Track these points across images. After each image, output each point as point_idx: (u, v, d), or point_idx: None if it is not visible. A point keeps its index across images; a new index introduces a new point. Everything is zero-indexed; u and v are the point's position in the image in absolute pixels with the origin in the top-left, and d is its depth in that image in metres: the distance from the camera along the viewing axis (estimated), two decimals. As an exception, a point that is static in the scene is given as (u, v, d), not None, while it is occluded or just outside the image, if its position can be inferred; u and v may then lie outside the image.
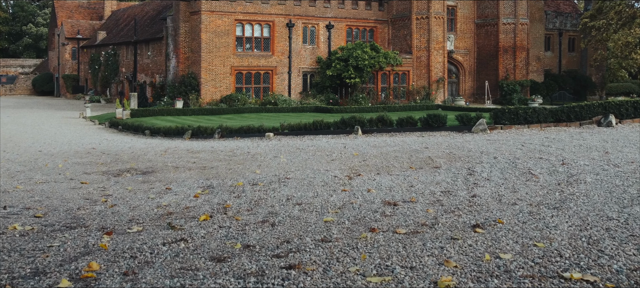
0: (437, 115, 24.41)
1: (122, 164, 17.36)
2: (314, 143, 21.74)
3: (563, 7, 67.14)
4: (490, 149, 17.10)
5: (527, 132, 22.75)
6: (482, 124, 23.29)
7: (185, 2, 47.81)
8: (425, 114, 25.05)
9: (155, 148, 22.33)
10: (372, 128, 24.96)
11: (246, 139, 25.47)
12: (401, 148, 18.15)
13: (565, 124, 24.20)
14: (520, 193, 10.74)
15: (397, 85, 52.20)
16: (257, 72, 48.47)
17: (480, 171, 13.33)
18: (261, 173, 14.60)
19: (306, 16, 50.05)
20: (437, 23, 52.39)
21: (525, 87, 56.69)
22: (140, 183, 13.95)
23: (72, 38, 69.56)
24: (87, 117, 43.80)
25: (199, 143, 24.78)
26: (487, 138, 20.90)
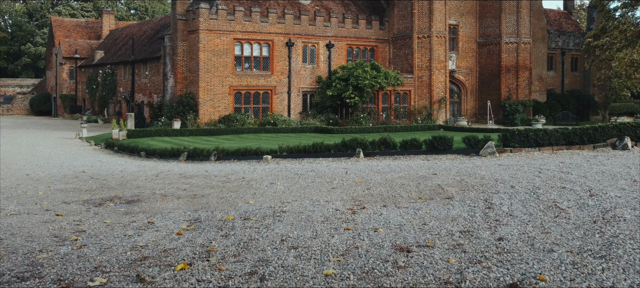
0: (442, 137, 22.94)
1: (108, 192, 15.92)
2: (313, 167, 20.27)
3: (566, 26, 65.84)
4: (505, 176, 15.60)
5: (539, 155, 21.28)
6: (491, 147, 21.82)
7: (183, 21, 46.53)
8: (430, 136, 23.57)
9: (147, 172, 20.93)
10: (375, 151, 23.50)
11: (243, 162, 24.16)
12: (407, 174, 16.66)
13: (578, 147, 22.74)
14: (554, 234, 9.19)
15: (398, 105, 50.85)
16: (256, 92, 47.18)
17: (499, 203, 11.81)
18: (255, 203, 13.13)
19: (306, 35, 48.78)
20: (438, 42, 51.07)
21: (528, 108, 55.37)
22: (122, 215, 12.49)
23: (70, 57, 68.24)
24: (83, 138, 42.52)
25: (194, 166, 23.46)
26: (498, 162, 19.42)
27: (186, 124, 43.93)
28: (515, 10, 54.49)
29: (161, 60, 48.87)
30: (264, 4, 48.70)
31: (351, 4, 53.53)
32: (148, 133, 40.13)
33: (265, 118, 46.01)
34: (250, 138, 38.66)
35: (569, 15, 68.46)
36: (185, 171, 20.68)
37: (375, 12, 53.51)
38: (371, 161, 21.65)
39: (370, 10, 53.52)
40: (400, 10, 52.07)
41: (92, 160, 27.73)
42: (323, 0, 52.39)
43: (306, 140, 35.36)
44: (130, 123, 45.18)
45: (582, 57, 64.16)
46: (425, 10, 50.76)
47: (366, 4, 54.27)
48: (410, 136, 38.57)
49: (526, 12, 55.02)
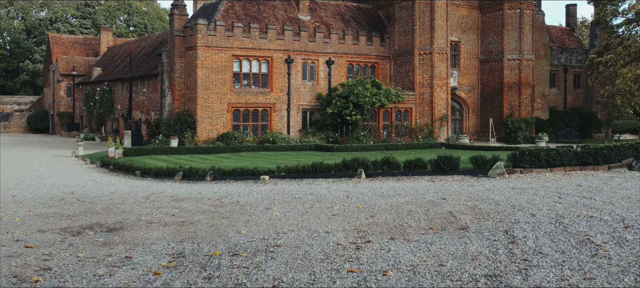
0: (448, 157, 21.49)
1: (90, 217, 14.56)
2: (312, 189, 18.88)
3: (568, 43, 64.58)
4: (522, 201, 14.15)
5: (551, 177, 19.85)
6: (500, 168, 20.38)
7: (180, 37, 45.29)
8: (435, 156, 22.11)
9: (138, 194, 19.68)
10: (377, 171, 22.07)
11: (239, 183, 22.88)
12: (414, 199, 15.23)
13: (592, 167, 21.30)
14: (598, 280, 7.63)
15: (399, 122, 49.54)
16: (255, 109, 45.94)
17: (522, 236, 10.35)
18: (247, 233, 11.72)
19: (306, 52, 47.52)
20: (440, 59, 49.78)
21: (531, 125, 54.15)
22: (99, 246, 11.09)
23: (67, 74, 66.96)
24: (79, 156, 41.55)
25: (188, 187, 22.18)
26: (509, 184, 17.99)
27: (184, 142, 42.69)
28: (517, 26, 53.26)
29: (159, 77, 47.63)
30: (263, 20, 47.46)
31: (351, 20, 52.28)
32: (145, 151, 38.98)
33: (265, 135, 44.77)
34: (248, 156, 37.60)
35: (571, 31, 67.20)
36: (178, 193, 19.41)
37: (375, 29, 52.24)
38: (373, 182, 20.25)
39: (370, 27, 52.25)
40: (401, 27, 50.81)
41: (85, 179, 26.96)
42: (323, 16, 51.14)
43: (305, 159, 34.29)
44: (127, 141, 44.01)
45: (584, 74, 62.92)
46: (427, 27, 49.48)
47: (367, 20, 53.01)
48: (413, 155, 37.25)
49: (529, 29, 53.77)
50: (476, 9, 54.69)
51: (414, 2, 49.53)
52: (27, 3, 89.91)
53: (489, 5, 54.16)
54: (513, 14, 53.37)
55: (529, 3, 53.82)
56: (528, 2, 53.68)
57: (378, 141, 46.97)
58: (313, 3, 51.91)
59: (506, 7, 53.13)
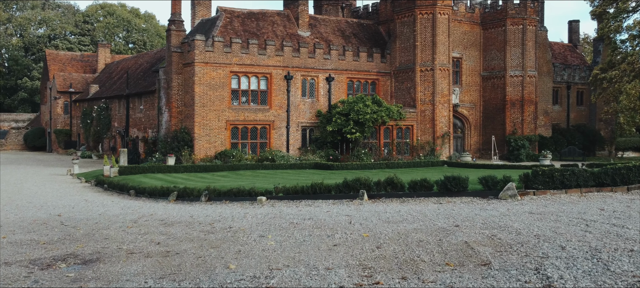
0: (456, 178, 19.96)
1: (68, 245, 13.15)
2: (312, 212, 17.38)
3: (571, 59, 63.19)
4: (546, 230, 12.59)
5: (567, 199, 18.34)
6: (511, 189, 18.85)
7: (178, 54, 43.91)
8: (442, 176, 20.59)
9: (127, 216, 18.41)
10: (380, 192, 20.57)
11: (235, 204, 21.50)
12: (423, 226, 13.68)
13: (609, 189, 19.78)
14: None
15: (400, 140, 48.10)
16: (254, 127, 44.56)
17: (557, 277, 8.75)
18: (237, 268, 10.21)
19: (305, 68, 46.12)
20: (442, 75, 48.37)
21: (533, 143, 52.77)
22: (68, 283, 9.60)
23: (64, 92, 65.53)
24: (75, 174, 40.35)
25: (181, 208, 20.92)
26: (524, 208, 16.46)
27: (181, 160, 41.32)
28: (520, 42, 51.91)
29: (156, 94, 46.29)
30: (261, 36, 46.10)
31: (352, 36, 50.90)
32: (141, 169, 37.68)
33: (263, 153, 43.39)
34: (247, 174, 36.39)
35: (574, 48, 65.82)
36: (169, 216, 18.04)
37: (376, 45, 50.85)
38: (377, 204, 18.74)
39: (371, 43, 50.87)
40: (402, 43, 49.42)
41: (77, 199, 26.10)
42: (323, 32, 49.78)
43: (305, 178, 33.34)
44: (123, 159, 42.56)
45: (587, 91, 61.53)
46: (428, 43, 48.09)
47: (367, 36, 51.63)
48: (416, 174, 35.89)
49: (532, 45, 52.41)
50: (478, 24, 53.33)
51: (416, 18, 48.18)
52: (25, 20, 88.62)
53: (491, 21, 52.81)
54: (516, 30, 52.01)
55: (532, 19, 52.46)
56: (531, 18, 52.33)
57: (379, 159, 45.58)
58: (313, 19, 50.58)
59: (509, 23, 51.79)
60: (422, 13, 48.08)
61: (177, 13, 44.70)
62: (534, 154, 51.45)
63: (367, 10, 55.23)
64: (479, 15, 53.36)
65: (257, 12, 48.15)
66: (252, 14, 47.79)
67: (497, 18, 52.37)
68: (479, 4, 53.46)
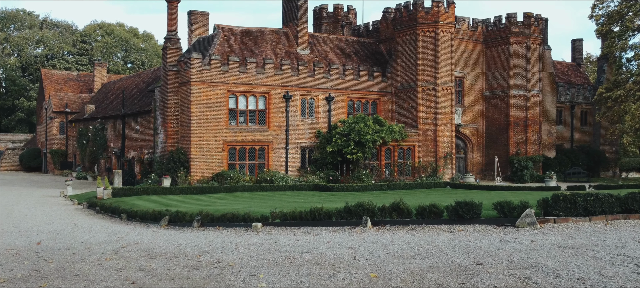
0: (468, 204, 18.14)
1: (31, 283, 11.37)
2: (311, 242, 15.67)
3: (574, 79, 61.59)
4: (588, 271, 10.75)
5: (591, 227, 16.56)
6: (530, 217, 17.04)
7: (174, 72, 42.36)
8: (453, 201, 18.76)
9: (109, 246, 17.02)
10: (385, 219, 18.81)
11: (229, 230, 20.00)
12: (439, 262, 11.90)
13: (638, 216, 17.91)
14: None
15: (402, 161, 46.49)
16: (252, 147, 43.08)
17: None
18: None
19: (304, 87, 44.54)
20: (444, 94, 46.74)
21: (537, 163, 51.24)
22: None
23: (60, 112, 63.89)
24: (68, 196, 39.10)
25: (172, 235, 19.59)
26: (550, 239, 14.69)
27: (177, 182, 39.87)
28: (524, 61, 50.32)
29: (152, 114, 44.64)
30: (260, 54, 44.53)
31: (352, 55, 49.28)
32: (135, 191, 36.36)
33: (261, 175, 41.94)
34: (244, 196, 35.18)
35: (577, 67, 64.24)
36: (155, 245, 16.59)
37: (377, 64, 49.22)
38: (382, 233, 16.97)
39: (372, 62, 49.23)
40: (403, 61, 47.79)
41: (65, 224, 24.99)
42: (322, 51, 48.19)
43: (304, 200, 32.33)
44: (118, 181, 41.32)
45: (591, 111, 59.95)
46: (430, 62, 46.47)
47: (368, 55, 50.01)
48: (420, 196, 34.38)
49: (536, 64, 50.81)
50: (481, 43, 51.74)
51: (417, 36, 46.64)
52: (22, 40, 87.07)
53: (494, 40, 51.24)
54: (519, 48, 50.42)
55: (536, 37, 50.90)
56: (534, 37, 50.78)
57: (380, 180, 44.09)
58: (312, 37, 49.03)
59: (512, 42, 50.22)
60: (424, 31, 46.55)
61: (173, 31, 43.14)
62: (537, 176, 49.91)
63: (368, 28, 53.63)
64: (482, 34, 51.78)
65: (255, 30, 46.58)
66: (250, 32, 46.23)
67: (500, 36, 50.78)
68: (481, 22, 51.88)
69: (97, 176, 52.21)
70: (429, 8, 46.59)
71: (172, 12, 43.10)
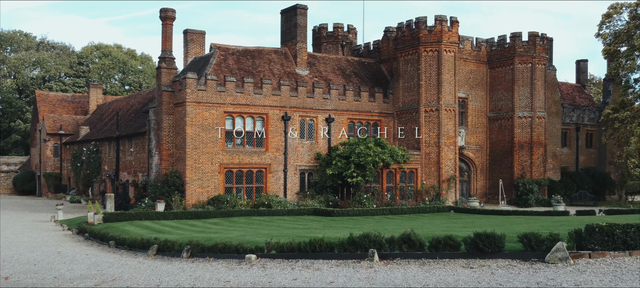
0: (490, 235, 15.79)
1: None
2: (310, 281, 13.59)
3: (579, 100, 59.48)
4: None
5: (634, 264, 14.35)
6: (562, 251, 14.74)
7: (169, 93, 40.32)
8: (471, 233, 16.44)
9: (82, 284, 15.12)
10: (394, 252, 16.56)
11: (220, 262, 18.17)
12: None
13: (685, 250, 15.59)
14: None
15: (404, 184, 44.36)
16: (249, 170, 41.18)
17: None
18: None
19: (303, 108, 42.47)
20: (448, 116, 44.62)
21: (543, 187, 49.18)
22: None
23: (54, 134, 61.74)
24: (58, 221, 37.20)
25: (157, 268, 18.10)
26: (593, 281, 12.35)
27: (171, 206, 37.95)
28: (529, 82, 48.31)
29: (146, 136, 42.54)
30: (257, 74, 42.51)
31: (352, 75, 47.16)
32: (128, 216, 34.37)
33: (259, 199, 39.96)
34: (241, 222, 33.44)
35: (582, 88, 62.15)
36: (134, 282, 14.88)
37: (378, 84, 47.10)
38: (392, 269, 14.76)
39: (373, 82, 47.10)
40: (405, 82, 45.67)
41: (49, 252, 23.71)
42: (322, 71, 46.11)
43: (303, 226, 30.58)
44: (110, 205, 39.39)
45: (597, 133, 57.84)
46: (433, 82, 44.37)
47: (368, 76, 47.89)
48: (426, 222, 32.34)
49: (541, 84, 48.77)
50: (484, 63, 49.69)
51: (420, 56, 44.61)
52: (19, 61, 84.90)
53: (498, 60, 49.23)
54: (524, 68, 48.37)
55: (541, 57, 48.88)
56: (540, 56, 48.77)
57: (382, 204, 42.16)
58: (311, 57, 46.96)
59: (517, 62, 48.18)
60: (427, 50, 44.48)
61: (168, 50, 41.12)
62: (543, 199, 48.04)
63: (368, 48, 51.54)
64: (486, 54, 49.74)
65: (253, 50, 44.51)
66: (247, 51, 44.17)
67: (504, 56, 48.75)
68: (485, 42, 49.83)
69: (93, 199, 49.99)
70: (431, 27, 44.51)
71: (166, 30, 41.06)
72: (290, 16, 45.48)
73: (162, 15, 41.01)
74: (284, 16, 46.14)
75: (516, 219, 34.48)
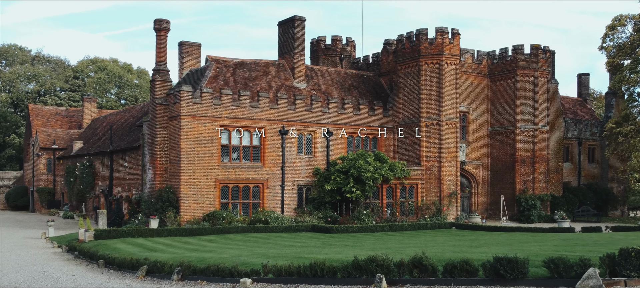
0: (512, 261, 14.07)
1: None
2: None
3: (581, 114, 57.94)
4: None
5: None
6: (594, 278, 13.06)
7: (163, 106, 38.81)
8: (491, 257, 14.69)
9: None
10: (404, 277, 14.87)
11: (213, 286, 17.10)
12: None
13: None
14: None
15: (404, 200, 42.84)
16: (246, 185, 39.71)
17: None
18: None
19: (301, 122, 41.01)
20: (449, 130, 43.07)
21: (545, 202, 47.54)
22: None
23: (47, 148, 59.95)
24: (49, 238, 35.90)
25: None
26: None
27: (165, 223, 36.51)
28: (531, 95, 46.87)
29: (140, 150, 40.79)
30: (254, 87, 40.96)
31: (351, 88, 45.60)
32: (120, 233, 32.96)
33: (256, 215, 38.54)
34: (237, 239, 32.18)
35: (583, 102, 60.62)
36: None
37: (377, 98, 45.53)
38: (402, 297, 12.94)
39: (372, 96, 45.53)
40: (406, 95, 44.13)
41: (35, 272, 22.77)
42: (320, 84, 44.59)
43: (301, 244, 29.27)
44: (102, 221, 37.85)
45: (599, 148, 56.36)
46: (434, 95, 42.85)
47: (368, 89, 46.33)
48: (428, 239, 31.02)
49: (543, 98, 47.34)
50: (486, 77, 48.20)
51: (421, 69, 43.16)
52: (14, 75, 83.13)
53: (500, 73, 47.79)
54: (526, 82, 46.90)
55: (544, 70, 47.47)
56: (542, 69, 47.38)
57: (381, 220, 40.76)
58: (309, 70, 45.41)
59: (519, 75, 46.78)
60: (428, 63, 43.01)
61: (162, 62, 39.60)
62: (546, 215, 46.57)
63: (368, 61, 49.97)
64: (487, 67, 48.29)
65: (249, 62, 42.96)
66: (244, 63, 42.61)
67: (506, 69, 47.29)
68: (486, 55, 48.35)
69: (83, 215, 48.23)
70: (433, 39, 42.97)
71: (161, 41, 39.51)
72: (287, 28, 43.90)
73: (157, 26, 39.43)
74: (282, 28, 44.58)
75: (522, 236, 33.00)
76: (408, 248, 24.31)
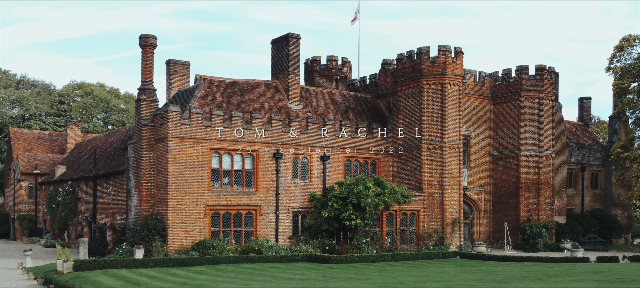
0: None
1: None
2: None
3: (583, 139, 55.55)
4: None
5: None
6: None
7: (149, 127, 36.05)
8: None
9: None
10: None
11: None
12: None
13: None
14: None
15: (405, 227, 40.15)
16: (238, 212, 37.01)
17: None
18: None
19: (296, 145, 38.51)
20: (451, 154, 40.48)
21: (550, 230, 44.78)
22: None
23: (29, 174, 56.78)
24: (25, 268, 32.78)
25: None
26: None
27: (151, 252, 33.67)
28: (536, 118, 44.37)
29: (125, 175, 37.79)
30: (246, 108, 38.33)
31: (348, 110, 42.91)
32: (101, 264, 29.91)
33: (249, 243, 35.69)
34: (228, 270, 29.48)
35: (585, 127, 58.23)
36: None
37: (376, 120, 42.87)
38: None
39: (370, 118, 42.86)
40: (406, 117, 41.42)
41: None
42: (316, 106, 41.93)
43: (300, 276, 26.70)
44: (83, 251, 34.68)
45: (603, 174, 54.02)
46: (436, 117, 40.18)
47: (366, 111, 43.64)
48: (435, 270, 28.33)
49: (548, 121, 44.88)
50: (488, 99, 45.66)
51: (422, 89, 40.58)
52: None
53: (503, 95, 45.34)
54: (531, 104, 44.36)
55: (549, 92, 45.08)
56: (547, 92, 44.98)
57: (382, 249, 38.12)
58: (304, 91, 42.81)
59: (523, 97, 44.26)
60: (430, 83, 40.40)
61: (148, 80, 36.65)
62: (551, 244, 43.75)
63: (365, 82, 47.28)
64: (489, 89, 45.72)
65: (241, 82, 40.28)
66: (235, 83, 39.92)
67: (509, 91, 44.80)
68: (488, 76, 45.83)
69: (65, 244, 44.96)
70: (435, 58, 40.34)
71: (147, 58, 36.59)
72: (281, 46, 41.15)
73: (142, 42, 36.46)
74: (275, 47, 41.83)
75: (542, 267, 30.27)
76: (426, 283, 21.70)
